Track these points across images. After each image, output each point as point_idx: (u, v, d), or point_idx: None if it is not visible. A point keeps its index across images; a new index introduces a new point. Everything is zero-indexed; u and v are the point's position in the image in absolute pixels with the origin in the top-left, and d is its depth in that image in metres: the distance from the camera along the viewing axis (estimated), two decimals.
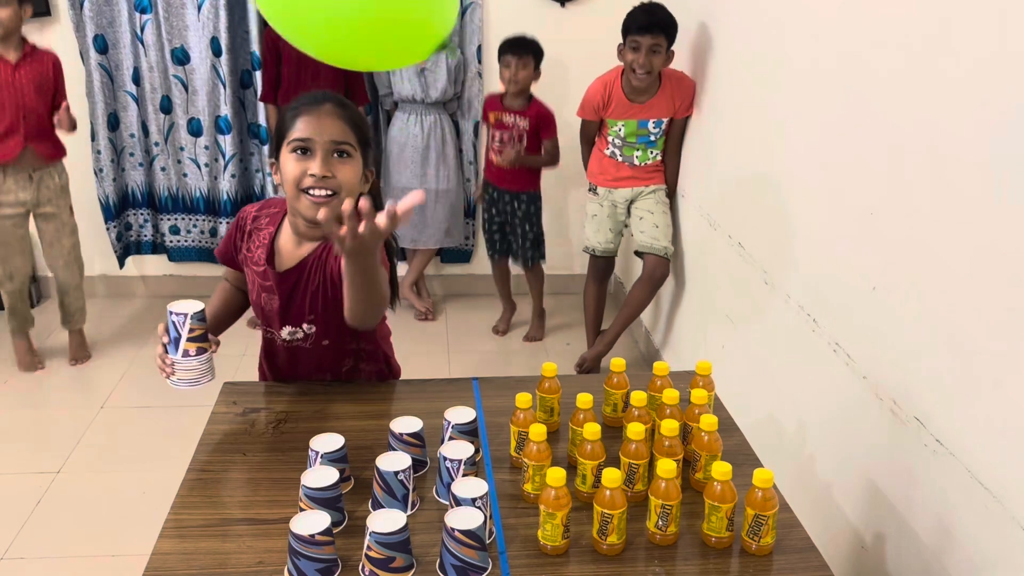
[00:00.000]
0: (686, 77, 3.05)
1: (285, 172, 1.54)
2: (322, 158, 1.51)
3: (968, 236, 1.49)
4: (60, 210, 3.37)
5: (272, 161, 1.62)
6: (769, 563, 1.32)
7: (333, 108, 1.54)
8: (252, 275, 1.71)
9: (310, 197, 1.52)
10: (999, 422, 1.40)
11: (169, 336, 1.52)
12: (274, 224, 1.68)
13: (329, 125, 1.52)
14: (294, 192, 1.54)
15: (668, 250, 3.15)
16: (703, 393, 1.54)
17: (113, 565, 2.37)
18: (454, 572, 1.26)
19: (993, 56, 1.42)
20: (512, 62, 3.40)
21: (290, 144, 1.52)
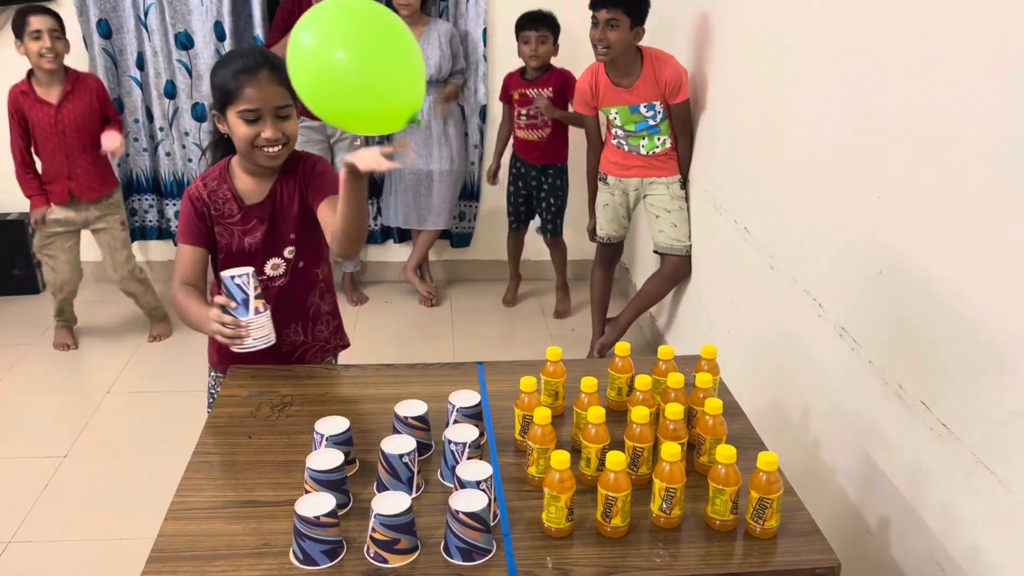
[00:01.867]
0: (671, 59, 3.01)
1: (238, 133, 1.71)
2: (272, 124, 1.70)
3: (975, 220, 1.48)
4: (111, 225, 3.41)
5: (215, 114, 1.76)
6: (773, 546, 1.32)
7: (270, 74, 1.69)
8: (228, 229, 1.80)
9: (265, 152, 1.73)
10: (1006, 406, 1.40)
11: (236, 300, 1.58)
12: (223, 180, 1.81)
13: (271, 93, 1.69)
14: (248, 148, 1.73)
15: (688, 249, 3.15)
16: (708, 377, 1.54)
17: (120, 548, 2.39)
18: (459, 554, 1.26)
19: (1003, 39, 1.40)
20: (531, 37, 3.45)
21: (240, 112, 1.69)
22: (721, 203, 2.85)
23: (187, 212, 1.80)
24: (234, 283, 1.58)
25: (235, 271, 1.60)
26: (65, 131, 3.18)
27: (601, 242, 3.41)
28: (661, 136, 3.09)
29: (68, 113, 3.18)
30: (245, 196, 1.81)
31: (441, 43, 3.69)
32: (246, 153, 1.75)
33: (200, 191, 1.80)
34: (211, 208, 1.79)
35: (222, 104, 1.72)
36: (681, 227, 3.15)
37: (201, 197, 1.79)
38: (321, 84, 1.48)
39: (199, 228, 1.80)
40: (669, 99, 3.02)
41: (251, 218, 1.81)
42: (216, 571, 1.24)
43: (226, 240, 1.81)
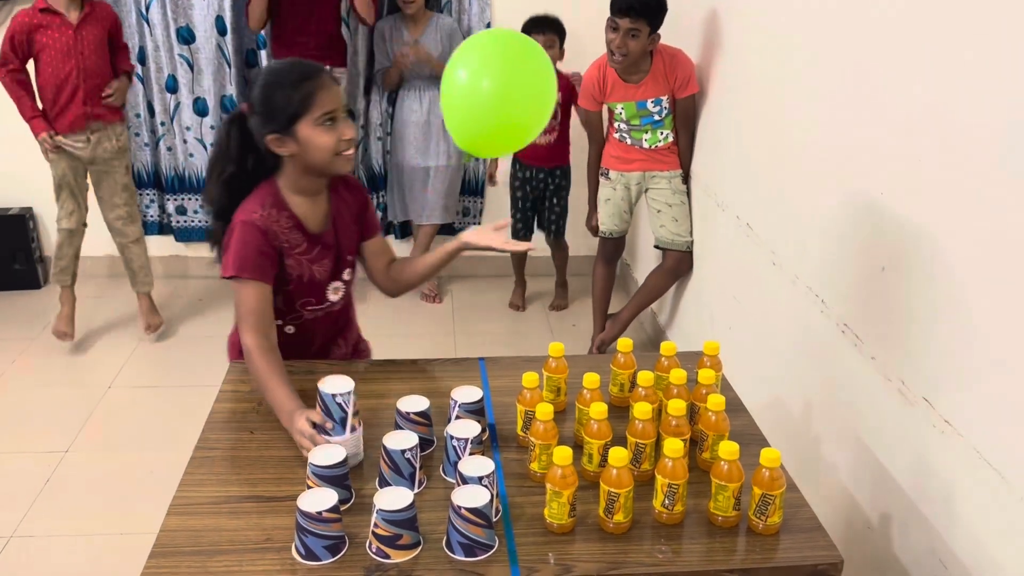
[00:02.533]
0: (680, 53, 3.01)
1: (318, 142, 1.64)
2: (348, 124, 1.68)
3: (977, 217, 1.47)
4: (114, 169, 3.38)
5: (276, 137, 1.64)
6: (776, 542, 1.32)
7: (330, 79, 1.68)
8: (298, 261, 1.71)
9: (344, 157, 1.68)
10: (1008, 403, 1.40)
11: (334, 419, 1.44)
12: (281, 208, 1.70)
13: (337, 93, 1.67)
14: (328, 158, 1.66)
15: (690, 244, 3.14)
16: (710, 373, 1.54)
17: (121, 543, 2.39)
18: (461, 550, 1.26)
19: (1006, 36, 1.40)
20: (537, 41, 3.40)
21: (318, 118, 1.63)
22: (723, 199, 2.84)
23: (253, 243, 1.64)
24: (335, 402, 1.43)
25: (338, 387, 1.44)
26: (84, 51, 3.17)
27: (603, 237, 3.40)
28: (664, 131, 3.09)
29: (87, 35, 3.17)
30: (307, 222, 1.72)
31: (441, 38, 3.68)
32: (326, 164, 1.66)
33: (267, 221, 1.66)
34: (280, 239, 1.68)
35: (290, 120, 1.61)
36: (683, 222, 3.14)
37: (269, 228, 1.66)
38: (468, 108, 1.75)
39: (268, 262, 1.66)
40: (677, 93, 3.01)
41: (316, 245, 1.73)
42: (218, 566, 1.24)
43: (296, 272, 1.71)
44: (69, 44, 3.14)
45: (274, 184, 1.71)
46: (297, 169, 1.69)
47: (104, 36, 3.23)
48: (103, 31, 3.22)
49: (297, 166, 1.68)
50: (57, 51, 3.14)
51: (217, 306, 3.91)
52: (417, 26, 3.67)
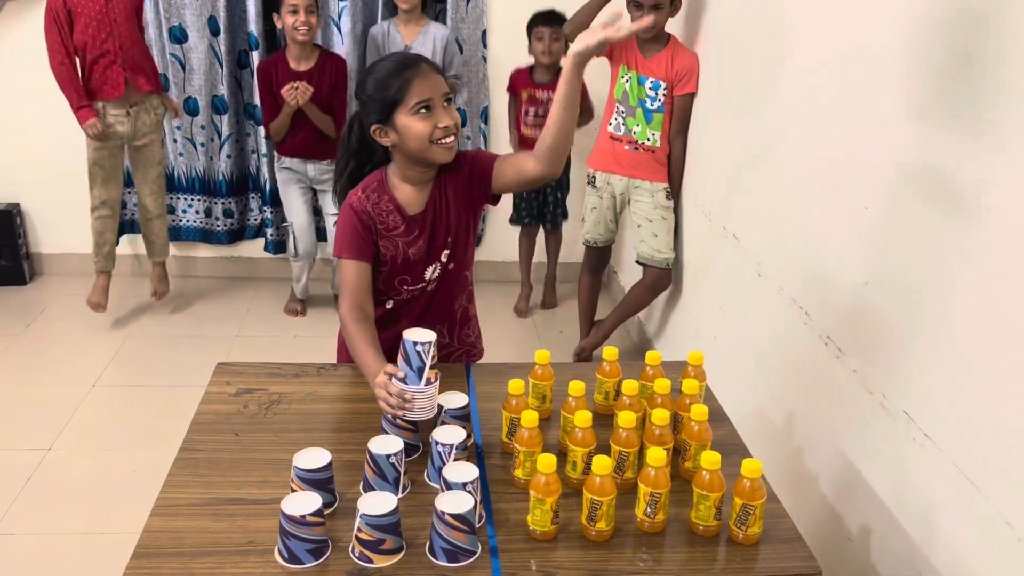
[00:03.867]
0: (689, 51, 3.04)
1: (414, 131, 1.67)
2: (444, 111, 1.69)
3: (960, 234, 1.49)
4: (152, 143, 3.51)
5: (378, 127, 1.71)
6: (756, 552, 1.33)
7: (429, 67, 1.71)
8: (392, 242, 1.76)
9: (441, 145, 1.70)
10: (987, 418, 1.42)
11: (412, 366, 1.48)
12: (383, 192, 1.76)
13: (436, 81, 1.70)
14: (424, 145, 1.69)
15: (669, 260, 3.16)
16: (694, 383, 1.55)
17: (103, 543, 2.38)
18: (444, 555, 1.27)
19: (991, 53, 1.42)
20: (545, 34, 3.48)
21: (413, 107, 1.67)
22: (711, 210, 2.86)
23: (352, 225, 1.73)
24: (415, 350, 1.47)
25: (419, 336, 1.49)
26: (116, 19, 3.25)
27: (588, 246, 3.42)
28: (654, 130, 3.09)
29: (117, 3, 3.25)
30: (407, 206, 1.76)
31: (436, 47, 3.69)
32: (423, 152, 1.70)
33: (363, 203, 1.74)
34: (376, 222, 1.74)
35: (388, 111, 1.68)
36: (662, 238, 3.15)
37: (366, 210, 1.73)
38: None
39: (365, 242, 1.74)
40: (676, 88, 3.02)
41: (414, 228, 1.77)
42: (201, 568, 1.24)
43: (391, 253, 1.76)
44: (102, 12, 3.22)
45: (383, 171, 1.79)
46: (401, 159, 1.74)
47: (134, 7, 3.32)
48: (134, 3, 3.32)
49: (401, 156, 1.74)
50: (91, 19, 3.22)
51: (201, 306, 3.91)
52: (410, 32, 3.67)
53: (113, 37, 3.24)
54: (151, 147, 3.51)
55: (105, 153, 3.40)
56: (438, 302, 1.86)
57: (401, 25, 3.66)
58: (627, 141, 3.14)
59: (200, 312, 3.84)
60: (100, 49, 3.24)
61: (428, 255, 1.80)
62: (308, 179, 3.73)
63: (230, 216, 4.11)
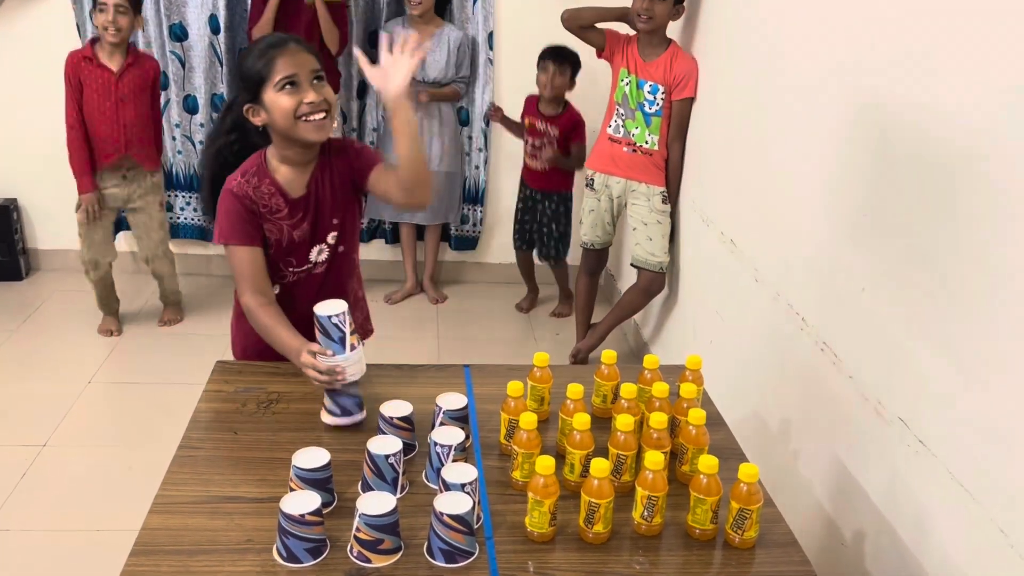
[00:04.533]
0: (688, 56, 3.06)
1: (279, 107, 1.68)
2: (311, 88, 1.69)
3: (957, 242, 1.51)
4: (149, 205, 3.47)
5: (249, 107, 1.72)
6: (751, 556, 1.34)
7: (297, 45, 1.71)
8: (276, 225, 1.77)
9: (308, 122, 1.69)
10: (981, 425, 1.43)
11: (333, 338, 1.55)
12: (263, 175, 1.76)
13: (303, 58, 1.70)
14: (291, 122, 1.69)
15: (663, 264, 3.17)
16: (692, 387, 1.56)
17: (98, 539, 2.38)
18: (442, 556, 1.27)
19: (986, 62, 1.43)
20: (550, 68, 3.49)
21: (278, 84, 1.67)
22: (708, 214, 2.87)
23: (235, 211, 1.73)
24: (331, 322, 1.53)
25: (330, 309, 1.54)
26: (124, 99, 3.25)
27: (585, 248, 3.43)
28: (652, 134, 3.10)
29: (127, 84, 3.24)
30: (288, 188, 1.77)
31: (450, 48, 3.70)
32: (290, 130, 1.69)
33: (244, 188, 1.73)
34: (259, 205, 1.74)
35: (256, 89, 1.69)
36: (657, 242, 3.16)
37: (247, 194, 1.73)
38: None
39: (251, 226, 1.74)
40: (674, 93, 3.04)
41: (297, 211, 1.77)
42: (199, 566, 1.25)
43: (276, 236, 1.77)
44: (109, 89, 3.22)
45: (262, 154, 1.79)
46: (278, 139, 1.75)
47: (145, 90, 3.31)
48: (143, 84, 3.30)
49: (277, 136, 1.75)
50: (100, 95, 3.23)
51: (199, 303, 3.90)
52: (425, 34, 3.68)
53: (117, 117, 3.24)
54: (149, 209, 3.46)
55: (96, 227, 3.38)
56: (330, 284, 1.88)
57: (415, 25, 3.67)
58: (625, 143, 3.15)
59: (196, 310, 3.84)
60: (104, 124, 3.24)
61: (313, 236, 1.81)
62: None
63: None
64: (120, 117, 3.26)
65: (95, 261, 3.45)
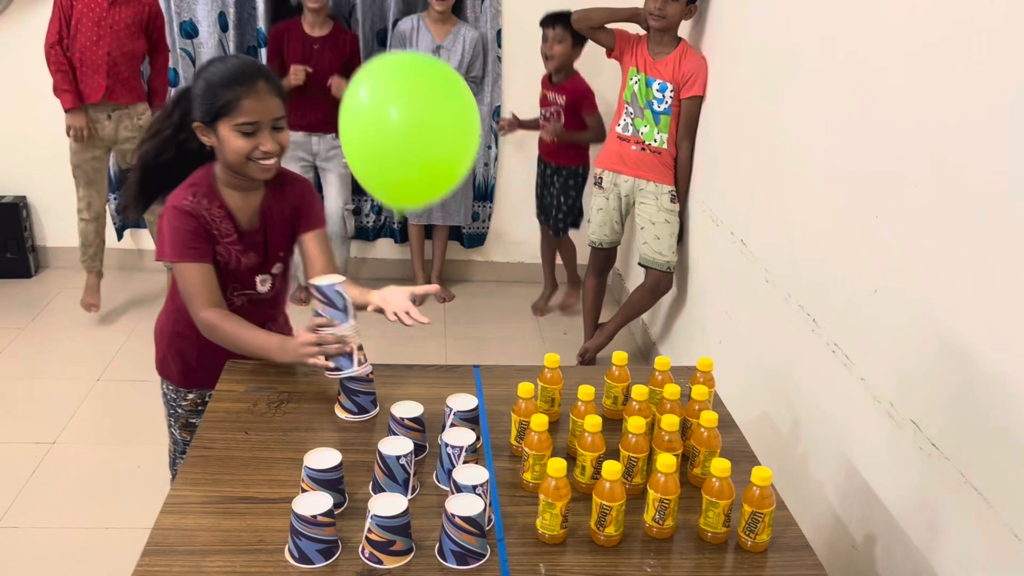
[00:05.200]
0: (697, 54, 3.05)
1: (232, 146, 1.66)
2: (269, 136, 1.67)
3: (970, 241, 1.50)
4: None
5: (200, 126, 1.68)
6: (764, 560, 1.33)
7: (267, 86, 1.66)
8: (226, 249, 1.75)
9: (259, 165, 1.69)
10: (994, 428, 1.42)
11: (337, 306, 1.57)
12: (213, 197, 1.74)
13: (269, 104, 1.66)
14: (241, 161, 1.67)
15: (671, 264, 3.16)
16: (704, 389, 1.55)
17: (108, 537, 2.38)
18: (453, 558, 1.27)
19: (1001, 61, 1.42)
20: (548, 35, 3.46)
21: (236, 125, 1.64)
22: (718, 215, 2.87)
23: (186, 228, 1.68)
24: (332, 291, 1.52)
25: (331, 279, 1.55)
26: (113, 27, 3.21)
27: (593, 247, 3.42)
28: (661, 132, 3.10)
29: (120, 11, 3.22)
30: (239, 216, 1.76)
31: (465, 47, 3.71)
32: (239, 167, 1.68)
33: (196, 207, 1.70)
34: (211, 226, 1.72)
35: (212, 118, 1.65)
36: (664, 240, 3.15)
37: (200, 214, 1.70)
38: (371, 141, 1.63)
39: (203, 244, 1.71)
40: (682, 91, 3.03)
41: (246, 241, 1.77)
42: (211, 566, 1.25)
43: (224, 260, 1.75)
44: (101, 16, 3.19)
45: (210, 173, 1.75)
46: (222, 163, 1.73)
47: (138, 20, 3.27)
48: (137, 14, 3.26)
49: (221, 160, 1.72)
50: (89, 20, 3.19)
51: None
52: (441, 31, 3.68)
53: (103, 46, 3.20)
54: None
55: (87, 156, 3.36)
56: (270, 309, 1.90)
57: (431, 23, 3.67)
58: (634, 141, 3.15)
59: None
60: (89, 52, 3.21)
61: (260, 266, 1.81)
62: (312, 156, 3.74)
63: None
64: (109, 50, 3.20)
65: (89, 200, 3.42)
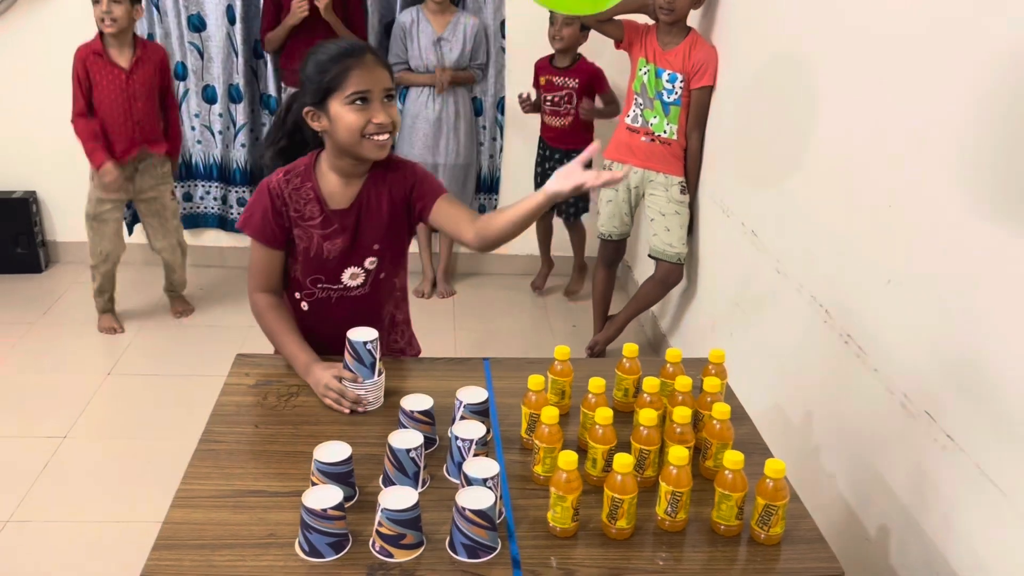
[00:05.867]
0: (707, 43, 3.02)
1: (345, 122, 1.63)
2: (382, 107, 1.64)
3: (985, 233, 1.48)
4: (161, 195, 3.45)
5: (311, 110, 1.67)
6: (777, 553, 1.32)
7: (375, 58, 1.65)
8: (306, 232, 1.72)
9: (373, 141, 1.65)
10: (1011, 419, 1.40)
11: (364, 363, 1.57)
12: (308, 179, 1.72)
13: (379, 75, 1.64)
14: (355, 139, 1.64)
15: (681, 256, 3.14)
16: (716, 381, 1.54)
17: (118, 531, 2.39)
18: (464, 551, 1.26)
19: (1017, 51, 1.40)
20: (557, 18, 3.45)
21: (348, 97, 1.62)
22: (729, 205, 2.84)
23: (263, 207, 1.69)
24: (365, 348, 1.55)
25: (364, 335, 1.56)
26: (135, 96, 3.22)
27: (602, 239, 3.40)
28: (671, 123, 3.08)
29: (138, 79, 3.22)
30: (329, 198, 1.72)
31: (466, 36, 3.70)
32: (352, 145, 1.65)
33: (281, 186, 1.70)
34: (291, 208, 1.70)
35: (323, 96, 1.63)
36: (675, 232, 3.13)
37: (281, 193, 1.69)
38: None
39: (275, 228, 1.70)
40: (692, 81, 3.00)
41: (333, 223, 1.72)
42: (222, 560, 1.24)
43: (304, 244, 1.72)
44: (122, 88, 3.20)
45: (314, 155, 1.75)
46: (332, 147, 1.70)
47: (154, 78, 3.29)
48: (154, 76, 3.28)
49: (332, 144, 1.70)
50: (110, 91, 3.20)
51: (219, 295, 3.92)
52: (441, 22, 3.66)
53: (132, 116, 3.22)
54: (161, 198, 3.44)
55: (107, 207, 3.35)
56: (364, 309, 1.81)
57: (430, 15, 3.66)
58: (644, 132, 3.13)
59: (215, 301, 3.86)
60: (116, 119, 3.21)
61: (347, 256, 1.74)
62: None
63: (244, 205, 4.11)
64: (134, 114, 3.23)
65: (106, 253, 3.43)
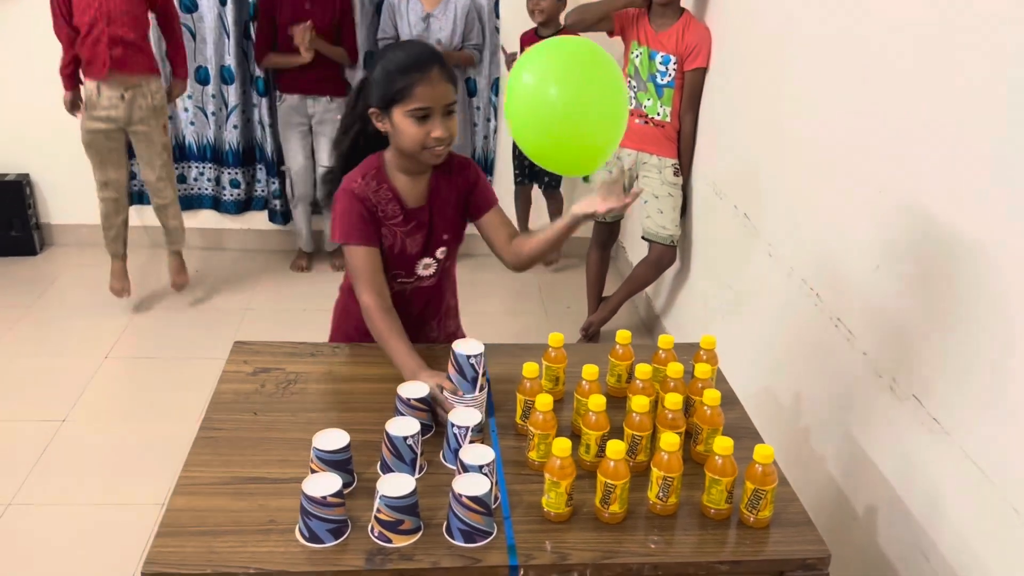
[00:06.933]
0: (701, 24, 3.02)
1: (406, 133, 1.67)
2: (441, 123, 1.67)
3: (973, 218, 1.50)
4: (152, 129, 3.37)
5: (376, 111, 1.70)
6: (766, 535, 1.36)
7: (440, 72, 1.66)
8: (391, 231, 1.77)
9: (431, 151, 1.69)
10: (998, 404, 1.43)
11: (466, 377, 1.55)
12: (382, 179, 1.76)
13: (442, 90, 1.66)
14: (415, 149, 1.69)
15: (674, 237, 3.16)
16: (707, 368, 1.57)
17: (117, 514, 2.42)
18: (460, 536, 1.29)
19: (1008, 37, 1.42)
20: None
21: (410, 111, 1.65)
22: (721, 188, 2.86)
23: (355, 211, 1.73)
24: (469, 361, 1.55)
25: (471, 349, 1.55)
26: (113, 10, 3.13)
27: (596, 221, 3.41)
28: (664, 105, 3.08)
29: None
30: (406, 197, 1.77)
31: (456, 16, 3.67)
32: (413, 154, 1.70)
33: (364, 190, 1.74)
34: (377, 209, 1.74)
35: (387, 104, 1.67)
36: (668, 214, 3.15)
37: (367, 197, 1.73)
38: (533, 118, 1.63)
39: (370, 227, 1.73)
40: (685, 63, 3.01)
41: (412, 220, 1.77)
42: (223, 546, 1.27)
43: (389, 242, 1.77)
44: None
45: (380, 157, 1.78)
46: (395, 148, 1.74)
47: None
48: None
49: (395, 145, 1.73)
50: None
51: (214, 277, 3.92)
52: (431, 0, 3.64)
53: (102, 14, 3.12)
54: (152, 133, 3.36)
55: (99, 136, 3.30)
56: (435, 297, 1.90)
57: None
58: (637, 115, 3.13)
59: (211, 284, 3.86)
60: (90, 25, 3.13)
61: (424, 249, 1.81)
62: (308, 118, 3.76)
63: (237, 187, 4.11)
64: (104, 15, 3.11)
65: (105, 179, 3.38)
